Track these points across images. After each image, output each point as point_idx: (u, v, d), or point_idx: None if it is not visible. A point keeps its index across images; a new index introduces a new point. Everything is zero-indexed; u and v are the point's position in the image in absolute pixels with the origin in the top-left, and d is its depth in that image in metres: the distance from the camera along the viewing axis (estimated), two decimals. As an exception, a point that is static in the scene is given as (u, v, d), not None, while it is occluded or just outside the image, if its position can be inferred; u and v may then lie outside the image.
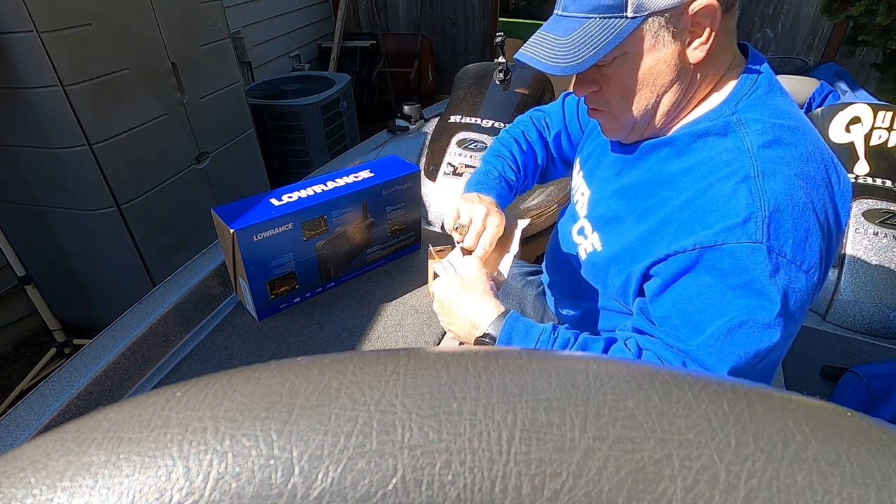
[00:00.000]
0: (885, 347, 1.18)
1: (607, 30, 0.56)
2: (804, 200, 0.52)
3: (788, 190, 0.52)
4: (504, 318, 0.67)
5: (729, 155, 0.56)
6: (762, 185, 0.53)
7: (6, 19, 1.36)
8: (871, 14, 2.33)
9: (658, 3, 0.54)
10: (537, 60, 0.60)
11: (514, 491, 0.13)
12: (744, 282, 0.53)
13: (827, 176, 0.56)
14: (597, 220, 0.74)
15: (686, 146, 0.61)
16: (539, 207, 1.59)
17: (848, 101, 1.55)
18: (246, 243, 1.02)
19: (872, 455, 0.14)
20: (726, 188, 0.55)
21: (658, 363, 0.58)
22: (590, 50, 0.56)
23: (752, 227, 0.52)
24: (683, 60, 0.57)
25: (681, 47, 0.57)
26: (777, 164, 0.54)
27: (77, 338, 1.82)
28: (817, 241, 0.52)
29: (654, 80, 0.59)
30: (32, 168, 1.60)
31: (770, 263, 0.52)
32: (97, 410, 0.15)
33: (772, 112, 0.58)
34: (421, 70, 4.14)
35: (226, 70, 2.15)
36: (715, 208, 0.55)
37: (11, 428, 0.84)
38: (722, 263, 0.53)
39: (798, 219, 0.52)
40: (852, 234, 1.31)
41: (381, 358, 0.17)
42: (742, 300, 0.53)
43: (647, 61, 0.58)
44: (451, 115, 1.66)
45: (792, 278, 0.52)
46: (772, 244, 0.51)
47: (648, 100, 0.61)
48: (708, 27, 0.55)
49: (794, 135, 0.56)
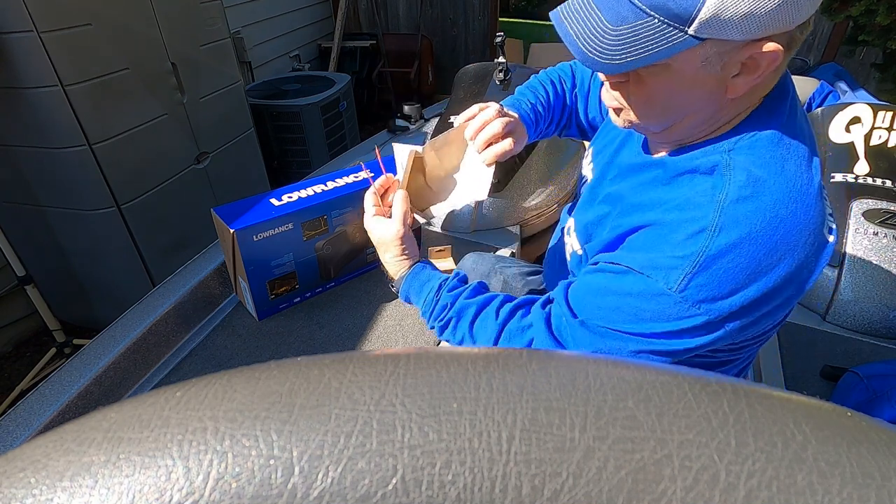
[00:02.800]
0: (885, 347, 1.18)
1: (661, 38, 0.49)
2: (745, 262, 0.51)
3: (735, 249, 0.51)
4: (403, 279, 0.78)
5: (702, 199, 0.54)
6: (711, 240, 0.52)
7: (6, 19, 1.36)
8: (871, 14, 2.33)
9: (725, 33, 0.48)
10: (572, 39, 0.53)
11: (514, 491, 0.13)
12: (640, 308, 0.55)
13: (799, 244, 0.52)
14: (579, 222, 0.75)
15: (673, 178, 0.59)
16: (539, 207, 1.59)
17: (848, 101, 1.55)
18: (246, 243, 1.02)
19: (872, 455, 0.14)
20: (681, 234, 0.54)
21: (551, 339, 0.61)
22: (634, 53, 0.50)
23: (674, 276, 0.53)
24: (722, 91, 0.53)
25: (726, 77, 0.52)
26: (739, 221, 0.52)
27: (77, 338, 1.82)
28: (740, 300, 0.52)
29: (686, 101, 0.55)
30: (32, 168, 1.60)
31: (675, 309, 0.53)
32: (97, 410, 0.15)
33: (766, 162, 0.54)
34: (421, 70, 4.14)
35: (226, 70, 2.15)
36: (661, 246, 0.55)
37: (11, 428, 0.84)
38: (636, 287, 0.56)
39: (727, 278, 0.51)
40: (852, 234, 1.31)
41: (381, 358, 0.17)
42: (627, 320, 0.57)
43: (685, 82, 0.53)
44: (451, 115, 1.66)
45: (697, 324, 0.53)
46: (686, 294, 0.52)
47: (671, 117, 0.58)
48: (764, 66, 0.50)
49: (776, 193, 0.52)
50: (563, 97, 0.93)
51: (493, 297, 0.72)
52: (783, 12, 0.46)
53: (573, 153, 1.75)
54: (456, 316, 0.71)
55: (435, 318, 0.73)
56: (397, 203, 0.78)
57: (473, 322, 0.70)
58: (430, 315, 0.74)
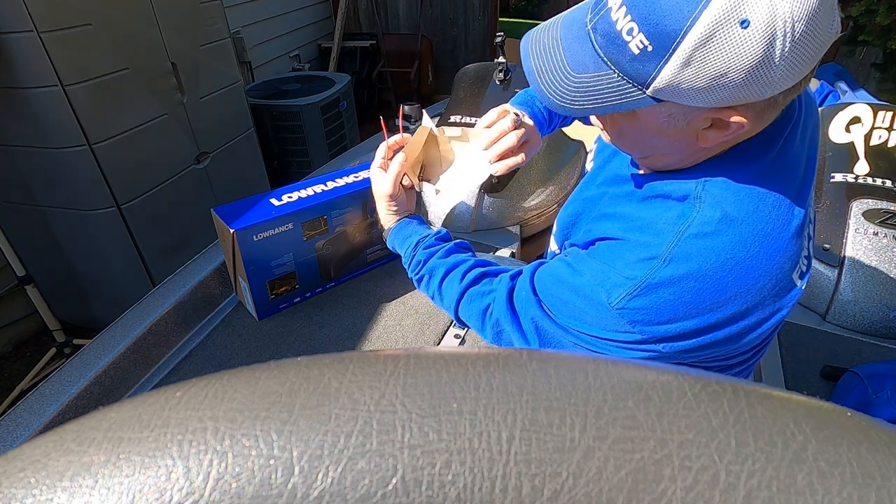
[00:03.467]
0: (885, 347, 1.18)
1: (620, 92, 0.49)
2: (686, 297, 0.51)
3: (676, 281, 0.51)
4: (390, 230, 0.84)
5: (664, 226, 0.54)
6: (658, 269, 0.52)
7: (6, 19, 1.36)
8: (871, 14, 2.33)
9: (683, 100, 0.47)
10: (534, 77, 0.54)
11: (514, 491, 0.13)
12: (584, 310, 0.57)
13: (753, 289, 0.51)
14: (560, 221, 0.76)
15: (647, 198, 0.59)
16: (539, 207, 1.59)
17: (848, 101, 1.55)
18: (246, 243, 1.02)
19: (872, 455, 0.14)
20: (634, 256, 0.54)
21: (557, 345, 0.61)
22: (592, 102, 0.50)
23: (616, 293, 0.53)
24: (693, 139, 0.52)
25: (694, 131, 0.51)
26: (690, 256, 0.51)
27: (77, 338, 1.82)
28: (676, 328, 0.52)
29: (653, 145, 0.55)
30: (32, 168, 1.60)
31: (612, 321, 0.54)
32: (97, 410, 0.15)
33: (741, 199, 0.52)
34: (421, 70, 4.14)
35: (226, 70, 2.15)
36: (614, 261, 0.56)
37: (11, 428, 0.84)
38: (584, 290, 0.57)
39: (665, 307, 0.51)
40: (852, 234, 1.31)
41: (381, 358, 0.17)
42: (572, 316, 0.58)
43: (651, 130, 0.53)
44: (451, 115, 1.66)
45: (631, 339, 0.54)
46: (623, 312, 0.53)
47: (642, 152, 0.58)
48: (735, 129, 0.49)
49: (741, 234, 0.51)
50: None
51: (463, 260, 0.74)
52: (748, 88, 0.44)
53: (573, 153, 1.75)
54: (428, 273, 0.76)
55: (412, 272, 0.79)
56: (394, 163, 0.83)
57: (442, 282, 0.74)
58: (408, 267, 0.80)
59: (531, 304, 0.62)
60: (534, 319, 0.62)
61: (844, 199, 1.36)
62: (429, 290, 0.77)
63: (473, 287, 0.71)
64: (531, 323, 0.62)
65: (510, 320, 0.64)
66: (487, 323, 0.68)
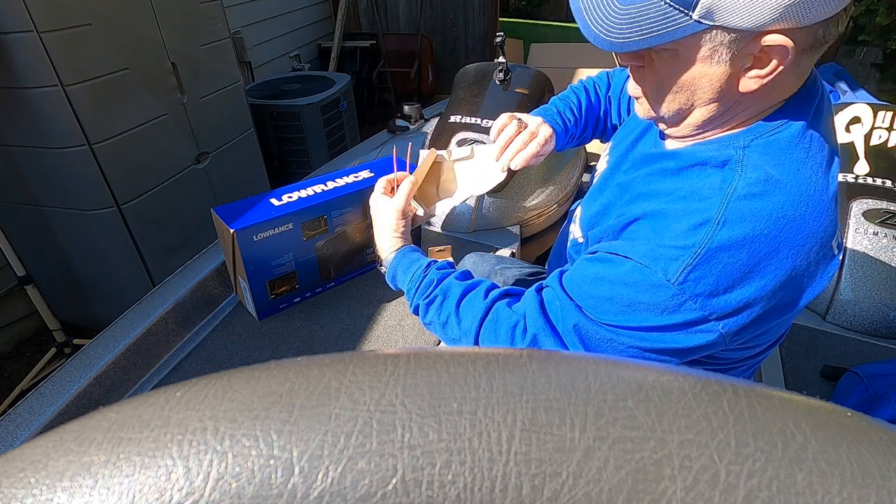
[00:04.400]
0: (885, 347, 1.18)
1: (667, 21, 0.49)
2: (745, 259, 0.50)
3: (736, 244, 0.51)
4: (392, 255, 0.79)
5: (709, 191, 0.54)
6: (713, 233, 0.51)
7: (6, 19, 1.36)
8: (871, 14, 2.33)
9: (729, 20, 0.47)
10: (582, 15, 0.54)
11: (514, 491, 0.13)
12: (635, 300, 0.54)
13: (803, 250, 0.51)
14: (585, 211, 0.75)
15: (683, 169, 0.59)
16: (539, 207, 1.59)
17: (848, 101, 1.55)
18: (246, 243, 1.02)
19: (872, 455, 0.14)
20: (684, 225, 0.53)
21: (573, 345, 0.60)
22: (638, 34, 0.51)
23: (674, 267, 0.52)
24: (732, 85, 0.52)
25: (736, 71, 0.51)
26: (744, 217, 0.51)
27: (77, 338, 1.82)
28: (736, 299, 0.51)
29: (694, 91, 0.54)
30: (32, 168, 1.60)
31: (672, 301, 0.52)
32: (97, 410, 0.15)
33: (781, 163, 0.52)
34: (421, 70, 4.14)
35: (226, 70, 2.15)
36: (662, 234, 0.55)
37: (11, 428, 0.84)
38: (632, 277, 0.55)
39: (726, 273, 0.51)
40: (852, 234, 1.31)
41: (381, 358, 0.17)
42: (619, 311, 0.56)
43: (693, 70, 0.53)
44: (451, 115, 1.66)
45: (692, 319, 0.53)
46: (685, 287, 0.52)
47: (681, 105, 0.57)
48: (775, 62, 0.49)
49: (787, 194, 0.51)
50: (597, 103, 0.95)
51: (481, 281, 0.72)
52: (792, 5, 0.45)
53: (573, 153, 1.75)
54: (442, 294, 0.70)
55: (421, 295, 0.72)
56: (404, 184, 0.82)
57: (461, 301, 0.69)
58: (415, 291, 0.73)
59: (570, 310, 0.60)
60: (576, 327, 0.59)
61: (844, 199, 1.36)
62: (442, 312, 0.70)
63: (500, 302, 0.67)
64: (573, 332, 0.59)
65: (548, 333, 0.61)
66: (519, 340, 0.63)
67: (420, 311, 0.73)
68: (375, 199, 0.85)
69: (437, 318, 0.70)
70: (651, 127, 0.70)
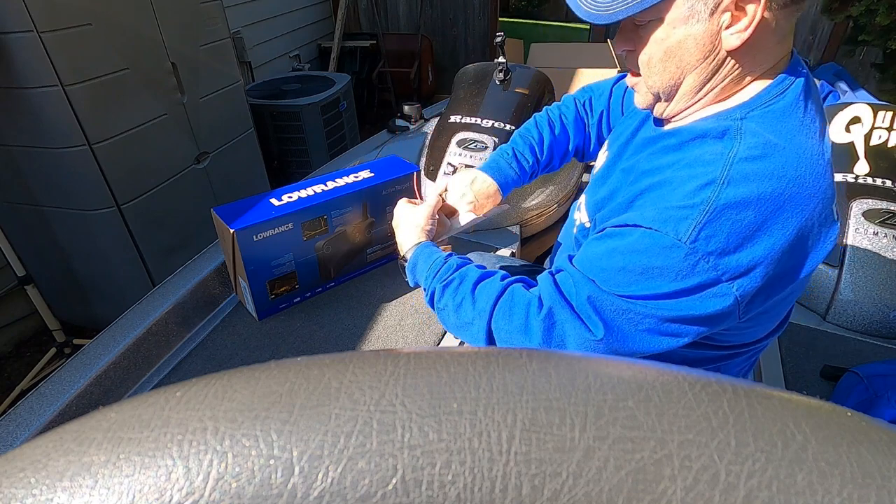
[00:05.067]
0: (885, 347, 1.18)
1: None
2: (752, 217, 0.52)
3: (743, 203, 0.52)
4: (416, 246, 0.82)
5: (711, 157, 0.56)
6: (719, 192, 0.53)
7: (6, 19, 1.36)
8: (871, 14, 2.33)
9: None
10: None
11: (514, 491, 0.13)
12: (648, 266, 0.55)
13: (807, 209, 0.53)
14: (590, 198, 0.76)
15: (684, 143, 0.61)
16: (539, 207, 1.59)
17: (848, 101, 1.55)
18: (246, 243, 1.02)
19: (872, 455, 0.14)
20: (690, 186, 0.55)
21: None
22: (621, 4, 0.55)
23: (684, 227, 0.53)
24: (716, 43, 0.55)
25: (716, 28, 0.54)
26: (748, 177, 0.53)
27: (77, 338, 1.82)
28: (748, 258, 0.52)
29: (682, 56, 0.58)
30: (32, 168, 1.60)
31: (685, 262, 0.53)
32: (97, 410, 0.15)
33: (778, 130, 0.55)
34: (421, 70, 4.14)
35: (226, 70, 2.15)
36: (669, 198, 0.56)
37: (11, 428, 0.84)
38: (643, 243, 0.56)
39: (735, 230, 0.52)
40: (852, 233, 1.31)
41: (381, 358, 0.17)
42: (633, 281, 0.57)
43: (677, 33, 0.56)
44: (451, 115, 1.66)
45: (706, 280, 0.53)
46: (696, 245, 0.53)
47: (673, 74, 0.60)
48: (751, 14, 0.52)
49: (787, 156, 0.54)
50: (563, 134, 0.99)
51: (497, 270, 0.74)
52: None
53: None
54: (459, 278, 0.72)
55: (439, 279, 0.74)
56: (431, 194, 0.88)
57: (477, 283, 0.70)
58: (433, 276, 0.75)
59: (583, 283, 0.61)
60: (590, 298, 0.59)
61: (844, 198, 1.36)
62: (457, 294, 0.71)
63: (516, 284, 0.69)
64: (588, 304, 0.59)
65: (564, 306, 0.61)
66: (534, 317, 0.63)
67: (436, 294, 0.74)
68: (402, 204, 0.89)
69: (452, 301, 0.71)
70: (649, 117, 0.72)
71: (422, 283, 0.78)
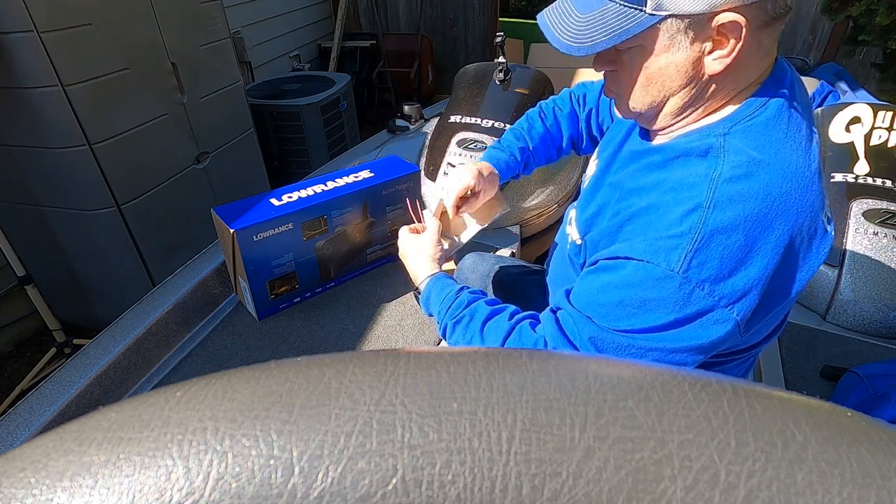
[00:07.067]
0: (885, 347, 1.18)
1: (624, 19, 0.54)
2: (742, 240, 0.52)
3: (731, 226, 0.52)
4: (429, 279, 0.81)
5: (695, 179, 0.56)
6: (706, 217, 0.52)
7: (6, 19, 1.36)
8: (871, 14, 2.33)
9: (679, 7, 0.51)
10: (550, 30, 0.59)
11: (514, 491, 0.13)
12: (644, 298, 0.55)
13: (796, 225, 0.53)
14: (580, 214, 0.76)
15: (669, 160, 0.61)
16: (539, 207, 1.59)
17: (848, 101, 1.55)
18: (246, 243, 1.02)
19: (872, 455, 0.14)
20: (676, 213, 0.55)
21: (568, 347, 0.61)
22: (601, 35, 0.55)
23: (675, 256, 0.53)
24: (698, 69, 0.55)
25: (698, 54, 0.54)
26: (733, 199, 0.53)
27: (77, 338, 1.82)
28: (743, 281, 0.52)
29: (664, 81, 0.57)
30: (32, 168, 1.60)
31: (680, 292, 0.53)
32: (97, 410, 0.15)
33: (761, 145, 0.55)
34: (421, 70, 4.14)
35: (226, 70, 2.15)
36: (657, 226, 0.56)
37: (11, 428, 0.84)
38: (636, 276, 0.56)
39: (727, 255, 0.52)
40: (852, 234, 1.31)
41: (381, 358, 0.17)
42: (631, 314, 0.56)
43: (659, 60, 0.56)
44: (451, 115, 1.66)
45: (703, 308, 0.53)
46: (689, 274, 0.52)
47: (655, 97, 0.59)
48: (733, 40, 0.52)
49: (771, 173, 0.53)
50: (555, 127, 1.00)
51: (507, 306, 0.74)
52: None
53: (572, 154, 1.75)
54: (469, 315, 0.73)
55: (450, 316, 0.75)
56: (430, 221, 0.88)
57: (486, 321, 0.71)
58: (445, 311, 0.76)
59: (582, 323, 0.61)
60: (592, 339, 0.60)
61: (844, 198, 1.36)
62: (467, 332, 0.72)
63: (524, 322, 0.70)
64: (590, 344, 0.60)
65: (567, 347, 0.63)
66: None
67: (448, 330, 0.76)
68: (405, 235, 0.88)
69: (463, 338, 0.73)
70: (636, 126, 0.72)
71: (435, 317, 0.79)
